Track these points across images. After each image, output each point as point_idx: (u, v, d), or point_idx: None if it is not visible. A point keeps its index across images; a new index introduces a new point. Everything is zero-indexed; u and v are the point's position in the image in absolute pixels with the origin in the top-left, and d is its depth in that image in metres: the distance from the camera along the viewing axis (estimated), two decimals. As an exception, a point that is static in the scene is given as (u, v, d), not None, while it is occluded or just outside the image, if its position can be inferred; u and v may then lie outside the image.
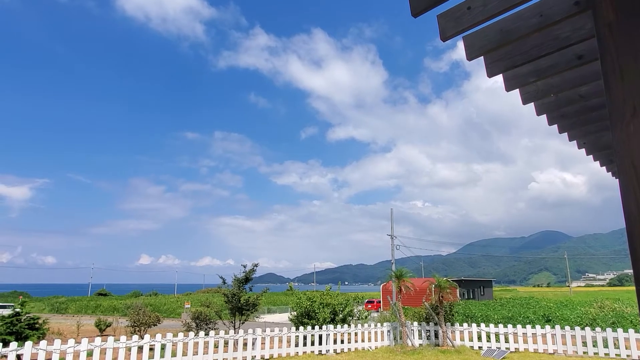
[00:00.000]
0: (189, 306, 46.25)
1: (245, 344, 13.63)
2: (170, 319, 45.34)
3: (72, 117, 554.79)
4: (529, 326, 17.03)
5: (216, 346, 13.41)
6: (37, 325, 17.20)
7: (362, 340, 17.14)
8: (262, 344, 13.98)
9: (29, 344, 10.27)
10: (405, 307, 22.83)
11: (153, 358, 11.70)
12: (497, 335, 17.23)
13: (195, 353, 12.39)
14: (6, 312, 20.37)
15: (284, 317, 42.89)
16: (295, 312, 19.09)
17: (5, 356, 10.20)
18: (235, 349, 13.37)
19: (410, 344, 17.48)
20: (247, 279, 23.70)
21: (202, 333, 13.01)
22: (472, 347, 17.30)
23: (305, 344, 15.35)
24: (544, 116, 3.55)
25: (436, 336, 18.23)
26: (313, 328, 15.97)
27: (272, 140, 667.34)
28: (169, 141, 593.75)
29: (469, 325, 18.03)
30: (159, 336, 11.93)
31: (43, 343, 10.47)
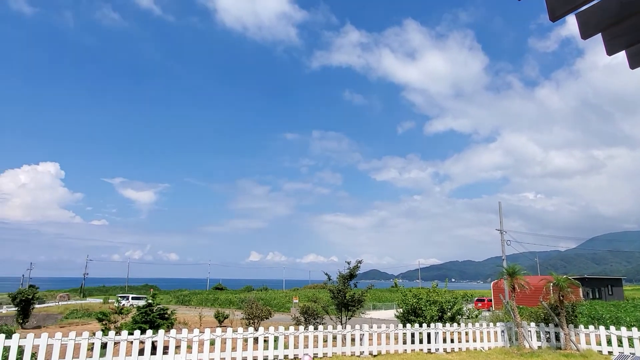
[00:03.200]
0: (297, 301, 48.09)
1: (352, 340, 13.84)
2: (280, 313, 47.54)
3: (182, 125, 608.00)
4: (670, 331, 14.98)
5: (325, 340, 13.79)
6: (166, 315, 19.12)
7: (474, 340, 16.43)
8: (369, 340, 14.08)
9: (161, 332, 11.48)
10: (520, 306, 21.40)
11: (267, 349, 12.39)
12: (630, 339, 15.41)
13: (306, 346, 12.87)
14: (141, 302, 22.89)
15: (389, 314, 42.63)
16: (401, 309, 18.90)
17: (143, 342, 11.49)
18: (343, 343, 13.63)
19: (527, 345, 16.36)
20: (351, 276, 23.99)
21: (311, 327, 13.48)
22: (600, 351, 15.68)
23: (413, 342, 15.14)
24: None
25: (557, 338, 16.84)
26: (420, 326, 15.68)
27: (369, 136, 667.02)
28: (270, 143, 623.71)
29: (595, 328, 16.36)
30: (271, 329, 12.60)
31: (173, 332, 11.64)
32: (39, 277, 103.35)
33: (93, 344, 10.80)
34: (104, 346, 10.86)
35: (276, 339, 12.81)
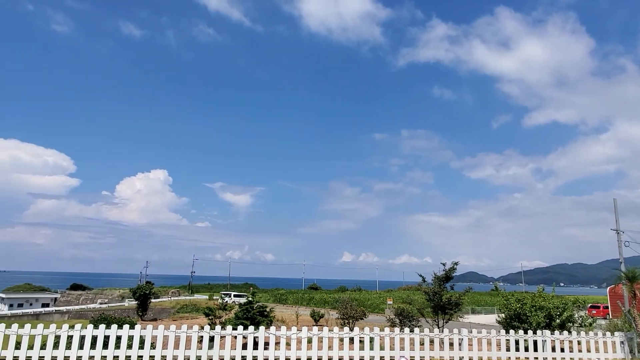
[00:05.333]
0: (391, 302, 47.69)
1: (451, 344, 13.39)
2: (374, 314, 47.41)
3: (274, 131, 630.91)
4: None
5: (421, 343, 13.52)
6: (265, 313, 20.03)
7: (588, 351, 15.01)
8: (469, 345, 13.52)
9: (262, 328, 12.06)
10: (644, 315, 19.15)
11: (363, 349, 12.44)
12: None
13: (402, 348, 12.71)
14: (242, 300, 24.20)
15: (490, 318, 40.50)
16: (503, 314, 17.90)
17: (245, 337, 12.14)
18: (441, 347, 13.24)
19: (653, 359, 14.58)
20: (447, 278, 23.22)
21: (406, 329, 13.28)
22: None
23: (517, 349, 14.24)
24: None
25: (692, 353, 14.77)
26: (525, 332, 14.70)
27: (461, 133, 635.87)
28: (359, 144, 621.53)
29: None
30: (367, 329, 12.63)
31: (272, 329, 12.16)
32: (153, 274, 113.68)
33: (202, 337, 11.66)
34: (211, 339, 11.67)
35: (372, 340, 12.82)
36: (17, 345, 10.41)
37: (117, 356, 10.79)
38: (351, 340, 12.69)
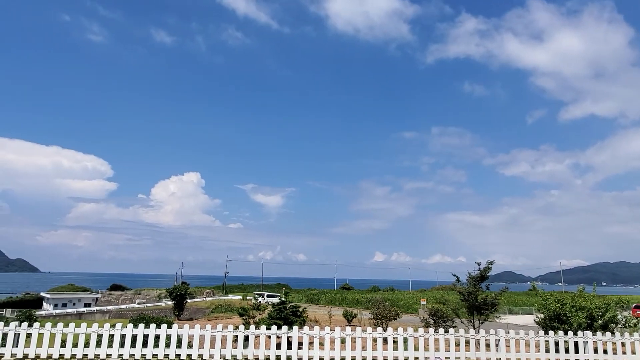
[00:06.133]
0: (425, 302, 47.12)
1: (487, 345, 13.13)
2: (408, 314, 46.95)
3: (303, 132, 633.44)
4: None
5: (457, 344, 13.29)
6: (298, 313, 20.19)
7: (633, 353, 14.40)
8: (506, 346, 13.21)
9: (295, 328, 12.15)
10: (694, 316, 18.23)
11: (397, 350, 12.35)
12: None
13: (436, 349, 12.55)
14: (275, 300, 24.44)
15: (527, 319, 39.43)
16: (541, 315, 17.40)
17: (279, 337, 12.27)
18: (477, 349, 13.00)
19: None
20: (482, 277, 22.76)
21: (441, 330, 13.10)
22: None
23: (557, 351, 13.81)
24: None
25: None
26: (566, 334, 14.24)
27: (494, 129, 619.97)
28: (389, 143, 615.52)
29: None
30: (400, 330, 12.53)
31: (305, 328, 12.23)
32: (188, 275, 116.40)
33: (237, 336, 11.85)
34: (246, 339, 11.84)
35: (405, 341, 12.71)
36: (63, 344, 10.89)
37: (156, 354, 11.11)
38: (385, 340, 12.62)
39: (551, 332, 13.87)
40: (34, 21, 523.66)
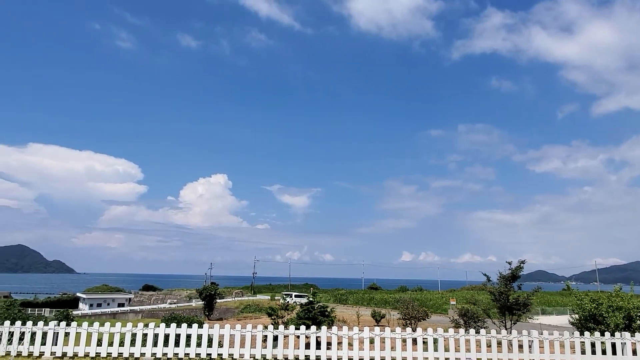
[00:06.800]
0: (454, 303, 46.43)
1: (520, 346, 12.84)
2: (437, 315, 46.39)
3: (328, 132, 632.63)
4: None
5: (488, 345, 13.06)
6: (326, 313, 20.21)
7: (675, 355, 13.85)
8: (540, 347, 12.89)
9: (324, 328, 12.18)
10: None
11: (427, 351, 12.22)
12: None
13: (468, 350, 12.36)
14: (303, 300, 24.53)
15: (561, 319, 38.39)
16: (576, 315, 16.93)
17: (308, 337, 12.33)
18: (509, 350, 12.73)
19: None
20: (514, 277, 22.30)
21: (472, 331, 12.90)
22: None
23: (594, 352, 13.40)
24: None
25: None
26: (602, 334, 13.81)
27: (523, 125, 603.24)
28: (414, 141, 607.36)
29: None
30: (430, 330, 12.39)
31: (334, 328, 12.25)
32: (217, 276, 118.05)
33: (266, 336, 11.98)
34: (275, 339, 11.95)
35: (435, 341, 12.56)
36: (99, 343, 11.26)
37: (188, 354, 11.35)
38: (414, 341, 12.52)
39: (587, 333, 13.46)
40: (66, 29, 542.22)
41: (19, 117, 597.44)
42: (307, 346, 12.15)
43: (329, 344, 12.15)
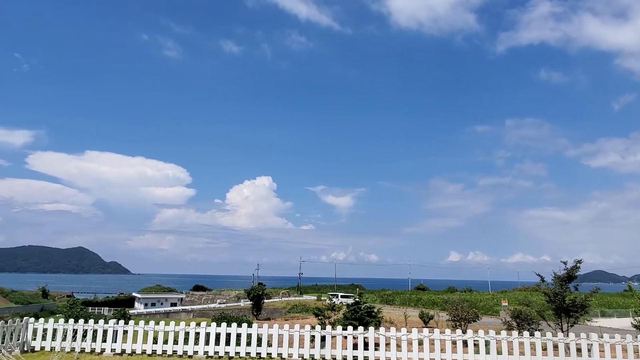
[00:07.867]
0: (506, 304, 44.89)
1: (578, 350, 12.26)
2: (488, 316, 45.05)
3: (371, 131, 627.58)
4: None
5: (544, 349, 12.56)
6: (373, 313, 20.08)
7: None
8: (600, 351, 12.26)
9: (371, 329, 12.13)
10: None
11: (478, 353, 11.91)
12: None
13: (522, 353, 11.93)
14: (349, 300, 24.49)
15: (623, 322, 36.33)
16: (639, 317, 15.97)
17: (355, 337, 12.32)
18: (567, 353, 12.18)
19: None
20: (569, 277, 21.38)
21: (526, 333, 12.45)
22: None
23: (660, 358, 12.59)
24: None
25: None
26: (670, 339, 12.95)
27: (576, 118, 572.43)
28: (459, 138, 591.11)
29: None
30: (481, 332, 12.06)
31: (381, 329, 12.17)
32: (263, 276, 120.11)
33: (313, 336, 12.07)
34: (322, 339, 12.03)
35: (487, 343, 12.21)
36: (154, 340, 11.75)
37: (238, 352, 11.64)
38: (465, 343, 12.23)
39: (652, 337, 12.67)
40: (118, 42, 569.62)
41: (77, 126, 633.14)
42: (355, 347, 12.14)
43: (376, 344, 12.08)
